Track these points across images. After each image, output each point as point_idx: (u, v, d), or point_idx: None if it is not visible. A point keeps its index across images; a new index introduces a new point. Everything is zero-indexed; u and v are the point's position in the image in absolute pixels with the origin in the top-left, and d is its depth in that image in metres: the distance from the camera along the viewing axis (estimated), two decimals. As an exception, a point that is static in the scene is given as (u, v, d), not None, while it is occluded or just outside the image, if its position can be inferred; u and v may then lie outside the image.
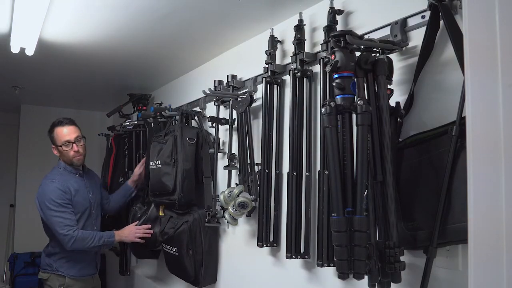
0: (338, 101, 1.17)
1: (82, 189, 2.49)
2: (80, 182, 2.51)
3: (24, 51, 2.27)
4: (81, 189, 2.48)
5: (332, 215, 1.12)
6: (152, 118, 2.60)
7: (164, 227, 2.29)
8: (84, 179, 2.56)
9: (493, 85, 0.65)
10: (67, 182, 2.42)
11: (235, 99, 2.04)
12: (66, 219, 2.31)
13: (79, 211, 2.42)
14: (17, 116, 4.27)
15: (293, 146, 1.65)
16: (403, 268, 1.14)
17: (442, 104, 1.21)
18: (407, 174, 1.23)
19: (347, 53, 1.17)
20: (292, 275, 1.74)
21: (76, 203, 2.40)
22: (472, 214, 0.67)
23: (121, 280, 3.41)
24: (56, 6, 1.82)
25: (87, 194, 2.52)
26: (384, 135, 1.17)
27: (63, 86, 3.41)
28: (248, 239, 2.05)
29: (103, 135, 3.65)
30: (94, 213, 2.54)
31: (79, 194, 2.44)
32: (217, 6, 1.80)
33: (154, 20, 1.96)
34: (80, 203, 2.44)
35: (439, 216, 1.10)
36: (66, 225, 2.30)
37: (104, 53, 2.46)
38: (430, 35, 1.22)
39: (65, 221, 2.31)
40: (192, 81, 2.74)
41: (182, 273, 2.24)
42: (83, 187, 2.51)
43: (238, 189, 1.84)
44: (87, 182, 2.57)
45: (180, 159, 2.20)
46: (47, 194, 2.34)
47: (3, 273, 4.42)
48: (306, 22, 1.69)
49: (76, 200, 2.41)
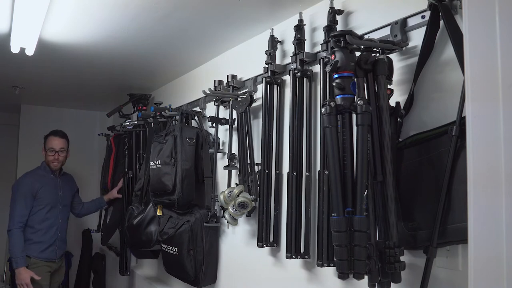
0: (338, 101, 1.17)
1: (52, 186, 3.12)
2: (53, 181, 3.14)
3: (24, 51, 2.27)
4: (51, 186, 3.11)
5: (332, 215, 1.12)
6: (152, 118, 2.60)
7: (164, 227, 2.29)
8: (58, 180, 3.18)
9: (493, 85, 0.65)
10: (40, 178, 3.07)
11: (235, 99, 2.04)
12: (18, 215, 2.91)
13: (45, 202, 3.03)
14: (17, 116, 4.27)
15: (293, 146, 1.65)
16: (403, 268, 1.14)
17: (442, 104, 1.21)
18: (407, 174, 1.23)
19: (347, 53, 1.17)
20: (292, 275, 1.74)
21: (43, 194, 3.02)
22: (472, 214, 0.67)
23: (121, 280, 3.41)
24: (56, 6, 1.82)
25: (57, 192, 3.14)
26: (384, 135, 1.17)
27: (63, 86, 3.41)
28: (248, 239, 2.05)
29: (103, 135, 3.65)
30: (60, 208, 3.14)
31: (47, 189, 3.06)
32: (217, 6, 1.80)
33: (154, 20, 1.96)
34: (47, 196, 3.05)
35: (439, 216, 1.10)
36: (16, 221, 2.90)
37: (104, 53, 2.46)
38: (430, 35, 1.22)
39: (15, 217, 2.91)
40: (192, 81, 2.74)
41: (181, 273, 2.23)
42: (55, 185, 3.14)
43: (238, 189, 1.84)
44: (61, 182, 3.19)
45: (179, 159, 2.20)
46: (17, 184, 3.04)
47: (3, 273, 4.42)
48: (306, 22, 1.69)
49: (43, 193, 3.03)
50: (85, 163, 4.13)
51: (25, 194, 2.97)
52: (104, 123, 3.98)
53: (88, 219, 3.87)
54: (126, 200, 3.05)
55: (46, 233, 3.02)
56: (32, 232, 2.97)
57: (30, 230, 2.97)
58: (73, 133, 3.38)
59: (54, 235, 3.07)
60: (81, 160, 3.99)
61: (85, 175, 3.98)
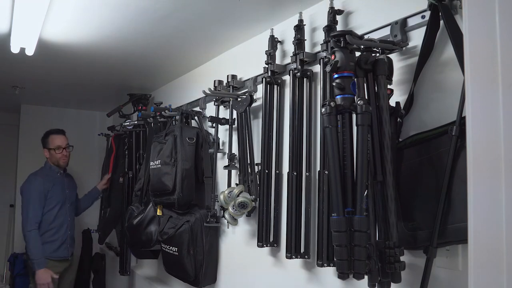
0: (338, 101, 1.17)
1: (61, 185, 3.16)
2: (60, 180, 3.19)
3: (24, 51, 2.27)
4: (60, 184, 3.15)
5: (332, 215, 1.12)
6: (152, 118, 2.60)
7: (164, 227, 2.29)
8: (64, 178, 3.23)
9: (493, 85, 0.65)
10: (48, 178, 3.09)
11: (235, 99, 2.04)
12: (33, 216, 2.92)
13: (56, 201, 3.07)
14: (17, 116, 4.27)
15: (293, 146, 1.64)
16: (403, 268, 1.14)
17: (442, 104, 1.21)
18: (407, 174, 1.22)
19: (347, 53, 1.17)
20: (292, 275, 1.74)
21: (53, 194, 3.06)
22: (472, 214, 0.67)
23: (121, 280, 3.41)
24: (56, 6, 1.82)
25: (64, 190, 3.19)
26: (384, 135, 1.17)
27: (63, 86, 3.40)
28: (248, 239, 2.05)
29: (103, 135, 3.65)
30: (68, 206, 3.20)
31: (57, 188, 3.11)
32: (217, 6, 1.80)
33: (154, 20, 1.96)
34: (57, 195, 3.10)
35: (439, 216, 1.10)
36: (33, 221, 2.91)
37: (104, 53, 2.46)
38: (430, 35, 1.22)
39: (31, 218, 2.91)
40: (192, 81, 2.74)
41: (181, 273, 2.23)
42: (62, 183, 3.19)
43: (238, 189, 1.84)
44: (66, 181, 3.25)
45: (179, 158, 2.20)
46: (28, 187, 3.01)
47: (3, 273, 4.43)
48: (306, 22, 1.69)
49: (54, 192, 3.07)
50: (85, 163, 4.12)
51: (38, 194, 2.99)
52: (104, 123, 3.98)
53: (88, 219, 3.87)
54: (126, 200, 3.05)
55: (57, 231, 3.06)
56: (44, 231, 2.99)
57: (42, 229, 2.99)
58: (73, 133, 3.38)
59: (65, 233, 3.12)
60: (81, 160, 3.98)
61: (85, 175, 3.98)
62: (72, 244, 3.22)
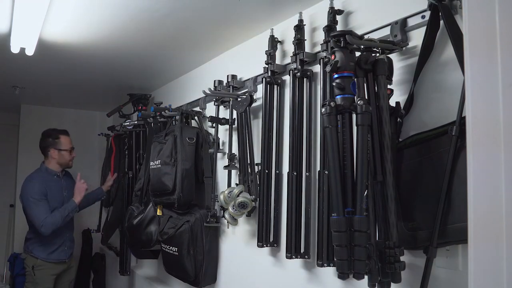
0: (338, 101, 1.17)
1: (57, 187, 3.04)
2: (57, 182, 3.06)
3: (24, 51, 2.26)
4: (56, 187, 3.03)
5: (332, 215, 1.12)
6: (152, 118, 2.60)
7: (164, 227, 2.29)
8: (62, 180, 3.12)
9: (493, 85, 0.65)
10: (45, 181, 2.96)
11: (235, 99, 2.04)
12: (41, 212, 2.81)
13: (53, 205, 2.92)
14: (17, 116, 4.27)
15: (293, 146, 1.64)
16: (403, 268, 1.14)
17: (442, 104, 1.21)
18: (407, 174, 1.22)
19: (347, 53, 1.17)
20: (292, 275, 1.74)
21: (50, 198, 2.92)
22: (472, 214, 0.67)
23: (121, 280, 3.41)
24: (56, 6, 1.82)
25: (62, 192, 3.05)
26: (384, 135, 1.17)
27: (63, 86, 3.40)
28: (248, 239, 2.05)
29: (103, 135, 3.65)
30: None
31: (54, 191, 2.98)
32: (217, 6, 1.80)
33: (154, 20, 1.96)
34: (54, 199, 2.95)
35: (439, 216, 1.10)
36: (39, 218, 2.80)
37: (104, 53, 2.46)
38: (430, 35, 1.22)
39: (40, 214, 2.81)
40: (192, 81, 2.74)
41: (181, 273, 2.23)
42: (59, 186, 3.06)
43: (238, 189, 1.84)
44: (64, 182, 3.12)
45: (179, 158, 2.20)
46: (28, 191, 2.89)
47: (3, 273, 4.42)
48: (306, 22, 1.69)
49: (51, 196, 2.94)
50: (85, 163, 4.12)
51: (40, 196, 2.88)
52: (104, 123, 3.98)
53: (88, 219, 3.87)
54: (126, 200, 3.05)
55: (55, 235, 2.94)
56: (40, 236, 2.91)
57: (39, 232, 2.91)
58: (73, 133, 3.37)
59: (63, 236, 3.03)
60: (81, 160, 3.97)
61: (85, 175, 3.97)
62: (71, 246, 3.15)
